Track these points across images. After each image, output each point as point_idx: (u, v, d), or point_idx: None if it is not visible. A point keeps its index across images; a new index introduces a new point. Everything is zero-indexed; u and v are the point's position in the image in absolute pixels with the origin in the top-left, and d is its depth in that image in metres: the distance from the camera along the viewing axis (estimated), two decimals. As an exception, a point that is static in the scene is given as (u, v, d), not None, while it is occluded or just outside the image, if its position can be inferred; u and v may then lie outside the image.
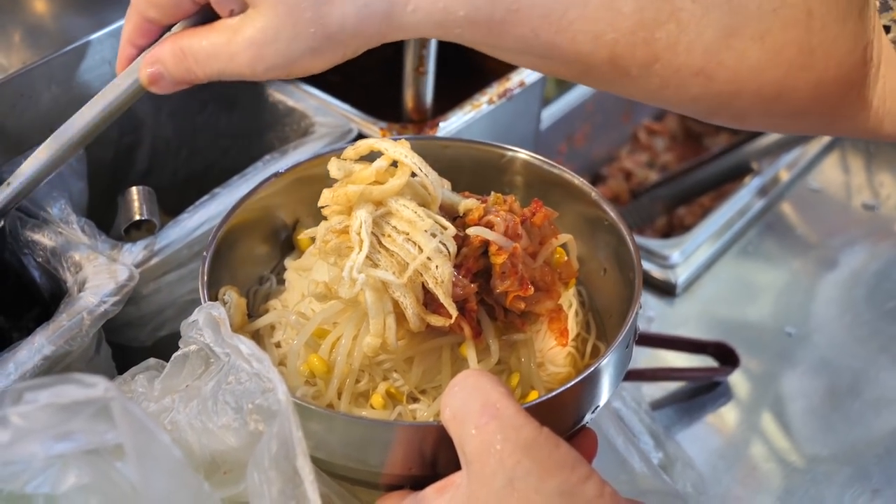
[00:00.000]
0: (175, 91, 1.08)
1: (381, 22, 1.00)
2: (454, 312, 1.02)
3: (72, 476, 0.92)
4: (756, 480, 1.54)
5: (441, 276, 1.01)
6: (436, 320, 1.03)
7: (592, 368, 1.02)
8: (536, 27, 1.01)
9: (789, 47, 1.01)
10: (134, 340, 1.37)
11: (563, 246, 1.16)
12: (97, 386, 0.86)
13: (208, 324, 1.02)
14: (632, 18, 1.00)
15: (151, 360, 1.09)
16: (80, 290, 1.24)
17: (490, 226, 1.06)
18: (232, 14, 1.02)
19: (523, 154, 1.23)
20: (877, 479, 1.53)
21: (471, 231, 1.05)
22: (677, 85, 1.04)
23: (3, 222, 1.25)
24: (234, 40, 1.01)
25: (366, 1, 0.99)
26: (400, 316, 1.04)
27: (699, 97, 1.05)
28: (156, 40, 1.08)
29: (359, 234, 1.02)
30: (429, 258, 1.02)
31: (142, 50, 1.09)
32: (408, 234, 1.03)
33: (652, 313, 1.73)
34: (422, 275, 1.02)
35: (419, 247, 1.02)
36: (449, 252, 1.03)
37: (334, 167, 1.07)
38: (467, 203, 1.09)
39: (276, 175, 1.21)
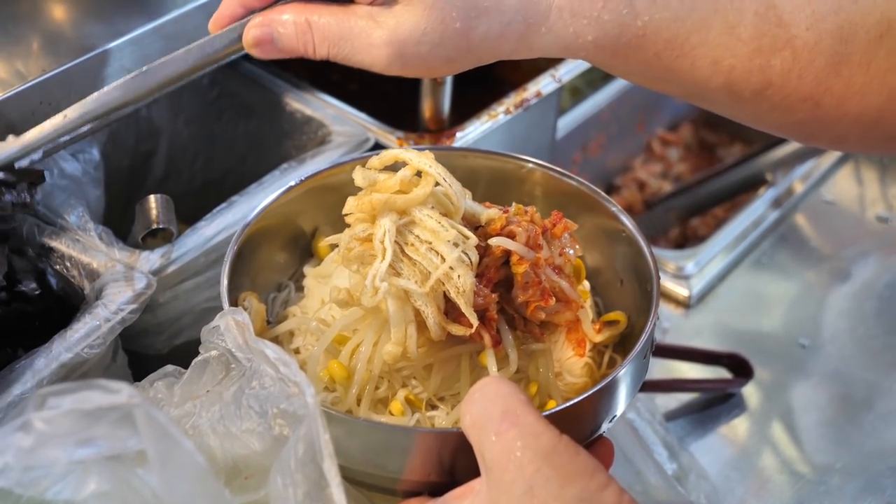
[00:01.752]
0: (272, 58, 1.08)
1: (516, 41, 1.04)
2: (475, 322, 1.03)
3: (92, 482, 0.92)
4: (769, 492, 1.54)
5: (463, 286, 1.02)
6: (457, 329, 1.04)
7: (610, 378, 1.03)
8: (659, 52, 1.05)
9: (892, 73, 1.05)
10: (150, 348, 1.38)
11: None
12: (121, 392, 0.86)
13: (230, 329, 1.02)
14: (750, 45, 1.05)
15: (169, 367, 1.09)
16: (97, 298, 1.24)
17: (512, 236, 1.06)
18: (374, 3, 1.02)
19: (543, 166, 1.24)
20: (890, 491, 1.53)
21: (493, 241, 1.06)
22: (785, 109, 1.07)
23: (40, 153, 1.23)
24: (374, 32, 1.02)
25: (509, 20, 1.02)
26: (421, 324, 1.04)
27: (804, 121, 1.09)
28: (269, 6, 1.07)
29: (382, 242, 1.03)
30: (451, 268, 1.02)
31: (250, 12, 1.08)
32: (431, 243, 1.03)
33: (666, 324, 1.73)
34: (444, 284, 1.03)
35: (442, 256, 1.03)
36: (471, 262, 1.03)
37: (359, 176, 1.07)
38: (490, 213, 1.09)
39: (297, 183, 1.21)
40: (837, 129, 1.09)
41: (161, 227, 1.33)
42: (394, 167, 1.08)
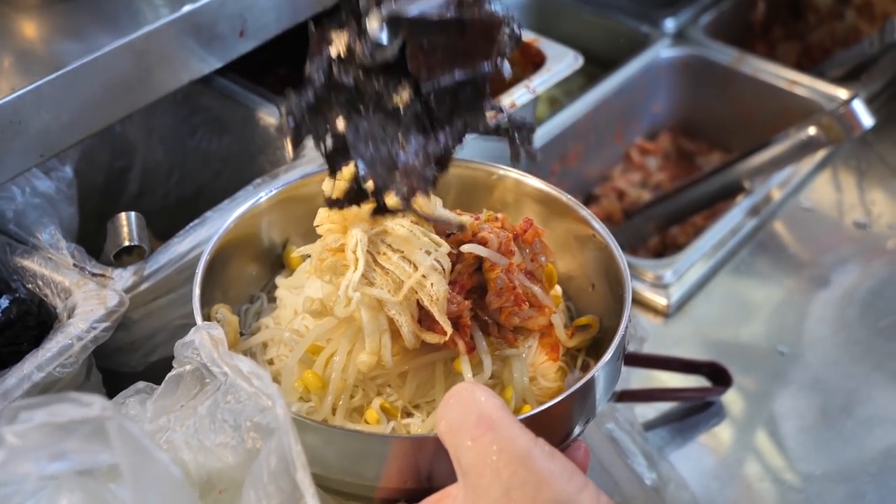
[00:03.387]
0: None
1: None
2: (449, 329, 1.03)
3: (64, 499, 0.91)
4: (750, 500, 1.54)
5: (436, 294, 1.02)
6: (431, 337, 1.04)
7: (584, 381, 1.04)
8: None
9: None
10: (125, 366, 1.37)
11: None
12: (93, 405, 0.86)
13: (205, 343, 1.02)
14: None
15: (140, 384, 1.09)
16: (69, 317, 1.24)
17: (483, 242, 1.07)
18: None
19: (513, 173, 1.24)
20: (870, 497, 1.53)
21: (465, 248, 1.06)
22: None
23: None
24: None
25: None
26: (394, 333, 1.04)
27: None
28: None
29: (354, 252, 1.03)
30: (424, 276, 1.02)
31: None
32: (403, 252, 1.04)
33: (645, 334, 1.73)
34: (417, 293, 1.03)
35: (414, 265, 1.03)
36: (444, 269, 1.03)
37: (328, 187, 1.07)
38: (461, 220, 1.09)
39: (266, 195, 1.22)
40: None
41: (132, 244, 1.33)
42: None
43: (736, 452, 1.61)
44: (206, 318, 1.12)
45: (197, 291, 1.11)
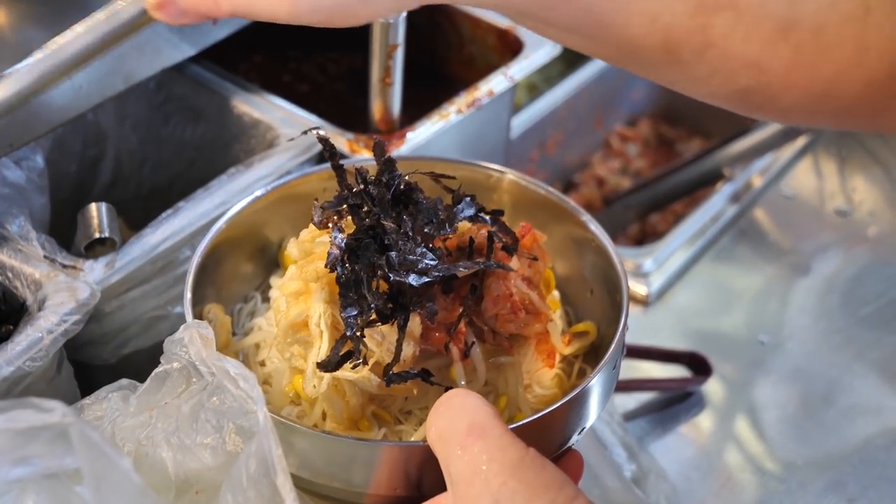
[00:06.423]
0: (178, 24, 1.00)
1: None
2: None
3: (30, 501, 0.90)
4: (730, 491, 1.53)
5: (404, 356, 1.01)
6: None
7: (579, 390, 1.02)
8: (593, 2, 0.98)
9: (845, 43, 1.00)
10: (97, 358, 1.35)
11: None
12: (54, 411, 0.84)
13: (194, 342, 1.00)
14: (690, 2, 0.98)
15: (124, 381, 1.07)
16: (39, 309, 1.22)
17: (481, 248, 1.06)
18: None
19: (510, 174, 1.23)
20: (852, 487, 1.53)
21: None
22: (728, 74, 1.02)
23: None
24: None
25: None
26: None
27: (748, 90, 1.03)
28: None
29: (318, 326, 1.03)
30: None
31: None
32: None
33: (624, 323, 1.73)
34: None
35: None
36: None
37: (295, 250, 1.09)
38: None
39: (263, 193, 1.21)
40: (784, 99, 1.03)
41: (103, 236, 1.31)
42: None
43: (716, 443, 1.60)
44: (198, 317, 1.11)
45: (188, 295, 1.10)
